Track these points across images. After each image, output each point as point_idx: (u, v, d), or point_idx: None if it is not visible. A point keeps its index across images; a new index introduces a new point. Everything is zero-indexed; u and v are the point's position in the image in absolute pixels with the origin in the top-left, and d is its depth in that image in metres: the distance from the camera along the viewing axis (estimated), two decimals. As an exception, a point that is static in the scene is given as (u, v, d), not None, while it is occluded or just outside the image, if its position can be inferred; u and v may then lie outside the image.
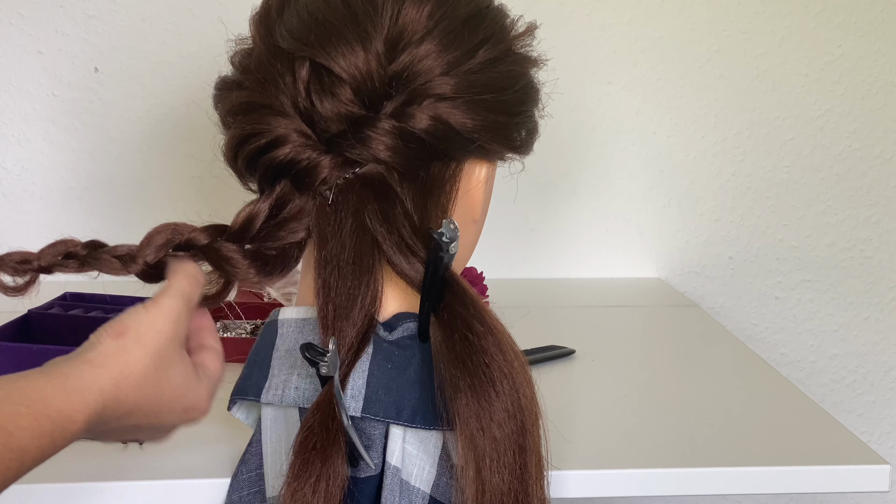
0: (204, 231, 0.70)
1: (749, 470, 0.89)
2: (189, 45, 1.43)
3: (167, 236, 0.69)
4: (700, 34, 1.52)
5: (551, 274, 1.56)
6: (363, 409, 0.70)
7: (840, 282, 1.61)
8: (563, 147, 1.51)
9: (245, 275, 0.71)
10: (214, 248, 0.70)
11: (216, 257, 0.70)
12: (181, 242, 0.69)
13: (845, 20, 1.54)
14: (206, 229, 0.70)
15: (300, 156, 0.70)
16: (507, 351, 0.68)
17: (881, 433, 1.67)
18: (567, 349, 1.17)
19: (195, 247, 0.70)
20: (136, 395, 0.61)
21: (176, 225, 0.70)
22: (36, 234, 1.45)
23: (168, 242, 0.69)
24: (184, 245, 0.70)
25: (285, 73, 0.70)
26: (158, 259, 0.68)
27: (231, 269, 0.70)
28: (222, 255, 0.70)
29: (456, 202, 0.75)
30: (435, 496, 0.72)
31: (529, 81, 0.77)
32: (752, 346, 1.57)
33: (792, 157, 1.57)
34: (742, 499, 1.60)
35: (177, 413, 0.65)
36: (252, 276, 0.71)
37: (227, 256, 0.70)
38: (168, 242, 0.69)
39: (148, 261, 0.68)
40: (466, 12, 0.73)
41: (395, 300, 0.74)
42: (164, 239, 0.68)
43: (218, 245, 0.70)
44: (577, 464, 0.87)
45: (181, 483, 0.83)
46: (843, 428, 0.98)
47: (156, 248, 0.68)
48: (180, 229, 0.70)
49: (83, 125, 1.44)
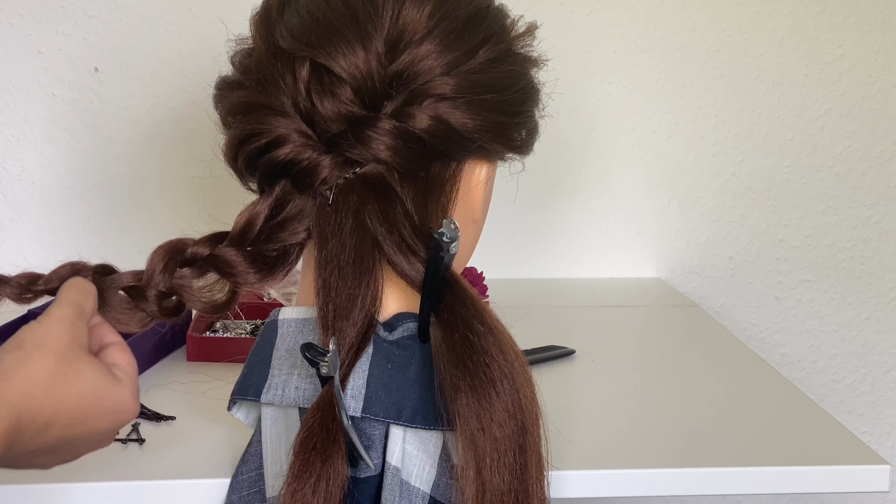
0: (204, 243, 0.70)
1: (749, 470, 0.89)
2: (189, 45, 1.43)
3: (168, 256, 0.69)
4: (700, 34, 1.52)
5: (551, 274, 1.56)
6: (363, 409, 0.70)
7: (840, 282, 1.61)
8: (563, 147, 1.51)
9: (245, 277, 0.71)
10: (217, 255, 0.70)
11: (220, 265, 0.70)
12: (186, 259, 0.70)
13: (845, 20, 1.54)
14: (206, 240, 0.71)
15: (300, 156, 0.70)
16: (507, 351, 0.68)
17: (881, 433, 1.67)
18: (567, 349, 1.17)
19: (199, 259, 0.70)
20: (51, 403, 0.60)
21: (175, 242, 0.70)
22: (36, 234, 1.45)
23: (170, 263, 0.69)
24: (189, 260, 0.70)
25: (286, 73, 0.70)
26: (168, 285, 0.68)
27: (232, 272, 0.70)
28: (225, 261, 0.70)
29: (456, 202, 0.75)
30: (435, 496, 0.72)
31: (530, 81, 0.77)
32: (752, 346, 1.57)
33: (792, 157, 1.57)
34: (742, 499, 1.60)
35: (105, 417, 0.63)
36: (252, 279, 0.71)
37: (228, 262, 0.70)
38: (170, 263, 0.69)
39: (161, 289, 0.68)
40: (467, 12, 0.73)
41: (395, 300, 0.74)
42: (165, 261, 0.68)
43: (219, 252, 0.70)
44: (577, 464, 0.87)
45: (181, 483, 0.83)
46: (843, 428, 0.98)
47: (163, 274, 0.68)
48: (181, 245, 0.70)
49: (83, 125, 1.44)
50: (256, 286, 0.72)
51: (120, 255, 1.46)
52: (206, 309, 0.71)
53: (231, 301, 0.72)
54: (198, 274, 0.70)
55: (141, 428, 0.92)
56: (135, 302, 0.69)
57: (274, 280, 0.72)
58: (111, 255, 1.46)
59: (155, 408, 0.97)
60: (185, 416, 0.95)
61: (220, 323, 1.17)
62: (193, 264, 0.70)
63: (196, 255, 0.70)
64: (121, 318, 0.69)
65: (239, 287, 0.71)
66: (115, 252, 1.46)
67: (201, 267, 0.70)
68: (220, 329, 1.16)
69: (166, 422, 0.94)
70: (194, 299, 0.70)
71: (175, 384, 1.03)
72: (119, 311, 0.68)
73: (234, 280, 0.71)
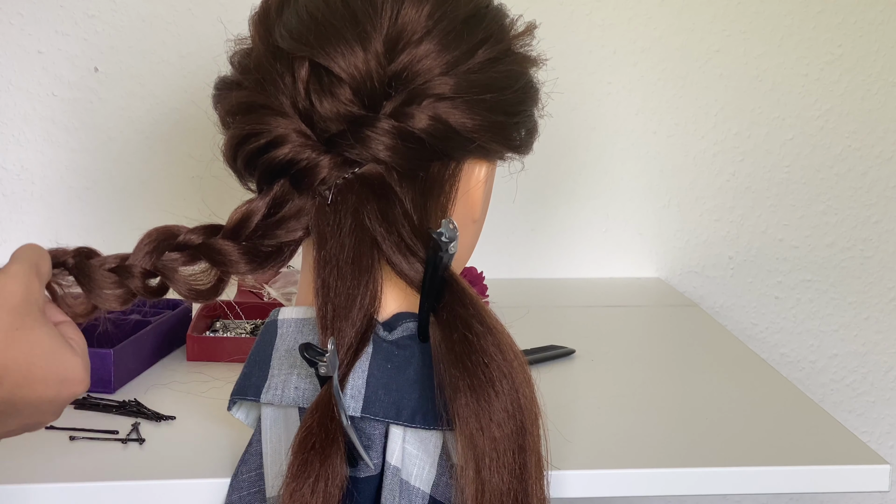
0: (198, 231, 0.71)
1: (749, 470, 0.89)
2: (189, 45, 1.43)
3: (159, 238, 0.69)
4: (700, 34, 1.52)
5: (551, 274, 1.56)
6: (363, 409, 0.70)
7: (840, 282, 1.61)
8: (563, 147, 1.51)
9: (236, 267, 0.71)
10: (209, 244, 0.70)
11: (210, 252, 0.70)
12: (177, 244, 0.70)
13: (845, 20, 1.54)
14: (200, 229, 0.71)
15: (299, 156, 0.70)
16: (506, 351, 0.68)
17: (881, 433, 1.67)
18: (567, 349, 1.17)
19: (190, 247, 0.70)
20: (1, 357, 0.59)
21: (169, 227, 0.70)
22: (36, 234, 1.45)
23: (160, 245, 0.69)
24: (180, 246, 0.70)
25: (285, 73, 0.70)
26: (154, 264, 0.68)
27: (223, 261, 0.70)
28: (216, 249, 0.70)
29: (455, 202, 0.75)
30: (435, 496, 0.72)
31: (529, 81, 0.77)
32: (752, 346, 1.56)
33: (792, 157, 1.57)
34: (742, 499, 1.60)
35: (52, 384, 0.62)
36: (242, 269, 0.71)
37: (220, 250, 0.70)
38: (160, 245, 0.69)
39: (146, 267, 0.68)
40: (466, 12, 0.73)
41: (394, 300, 0.74)
42: (155, 242, 0.69)
43: (212, 242, 0.70)
44: (577, 464, 0.87)
45: (181, 483, 0.83)
46: (843, 428, 0.97)
47: (150, 254, 0.68)
48: (174, 231, 0.70)
49: (83, 125, 1.44)
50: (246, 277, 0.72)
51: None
52: (190, 295, 0.71)
53: (216, 290, 0.71)
54: (187, 260, 0.70)
55: (141, 428, 0.92)
56: (119, 279, 0.69)
57: (263, 274, 0.72)
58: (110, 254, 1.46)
59: (155, 408, 0.97)
60: (185, 415, 0.95)
61: (220, 323, 1.17)
62: (184, 250, 0.70)
63: (188, 242, 0.70)
64: (104, 294, 0.68)
65: (227, 276, 0.71)
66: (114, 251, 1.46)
67: (191, 254, 0.70)
68: (220, 329, 1.16)
69: (166, 422, 0.94)
70: (179, 282, 0.70)
71: (175, 384, 1.03)
72: (103, 287, 0.68)
73: (224, 268, 0.71)
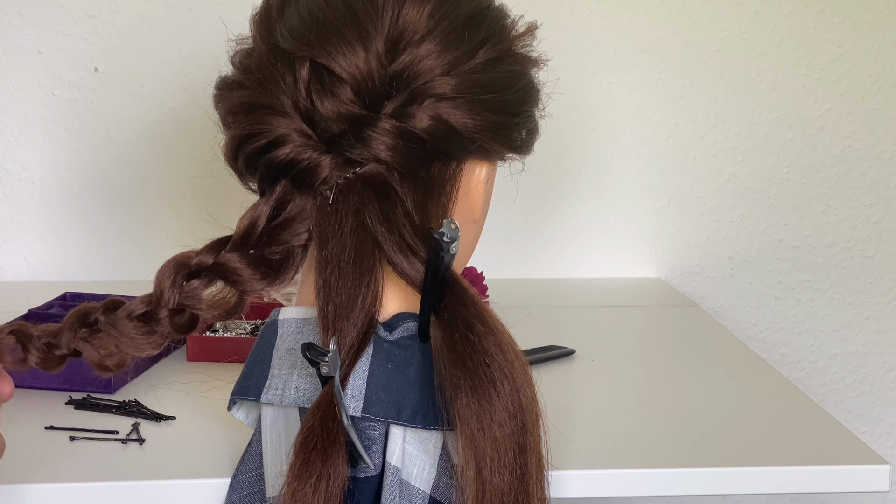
0: (208, 251, 0.70)
1: (749, 470, 0.89)
2: (189, 45, 1.43)
3: (175, 271, 0.69)
4: (700, 34, 1.52)
5: (551, 274, 1.56)
6: (363, 409, 0.70)
7: (840, 282, 1.61)
8: (563, 147, 1.51)
9: (251, 284, 0.71)
10: (221, 263, 0.70)
11: (225, 273, 0.70)
12: (191, 272, 0.70)
13: (845, 20, 1.54)
14: (209, 248, 0.71)
15: (301, 156, 0.70)
16: (507, 351, 0.68)
17: (881, 433, 1.67)
18: (567, 349, 1.17)
19: (205, 268, 0.70)
20: None
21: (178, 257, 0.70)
22: (36, 234, 1.45)
23: (177, 279, 0.69)
24: (196, 272, 0.70)
25: (286, 72, 0.70)
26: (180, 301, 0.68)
27: (237, 280, 0.70)
28: (230, 268, 0.70)
29: (456, 202, 0.75)
30: (435, 496, 0.72)
31: (530, 81, 0.77)
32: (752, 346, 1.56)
33: (792, 157, 1.57)
34: (742, 499, 1.59)
35: None
36: (258, 285, 0.71)
37: (233, 269, 0.70)
38: (177, 279, 0.69)
39: (171, 307, 0.68)
40: (467, 12, 0.73)
41: (395, 300, 0.74)
42: (172, 277, 0.69)
43: (224, 259, 0.70)
44: (577, 464, 0.87)
45: (181, 483, 0.83)
46: (843, 428, 0.98)
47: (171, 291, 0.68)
48: (186, 258, 0.70)
49: (83, 125, 1.44)
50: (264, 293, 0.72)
51: (120, 255, 1.46)
52: (219, 316, 0.71)
53: (240, 305, 0.72)
54: (205, 284, 0.70)
55: (141, 428, 0.92)
56: (148, 326, 0.69)
57: (280, 284, 0.72)
58: (111, 254, 1.46)
59: (155, 408, 0.97)
60: (185, 416, 0.95)
61: (220, 323, 1.17)
62: (200, 275, 0.70)
63: (201, 265, 0.70)
64: (137, 344, 0.69)
65: (247, 294, 0.72)
66: (114, 251, 1.46)
67: (207, 276, 0.70)
68: (220, 329, 1.16)
69: (166, 422, 0.94)
70: (205, 310, 0.70)
71: (175, 384, 1.03)
72: (134, 338, 0.68)
73: (241, 288, 0.71)
